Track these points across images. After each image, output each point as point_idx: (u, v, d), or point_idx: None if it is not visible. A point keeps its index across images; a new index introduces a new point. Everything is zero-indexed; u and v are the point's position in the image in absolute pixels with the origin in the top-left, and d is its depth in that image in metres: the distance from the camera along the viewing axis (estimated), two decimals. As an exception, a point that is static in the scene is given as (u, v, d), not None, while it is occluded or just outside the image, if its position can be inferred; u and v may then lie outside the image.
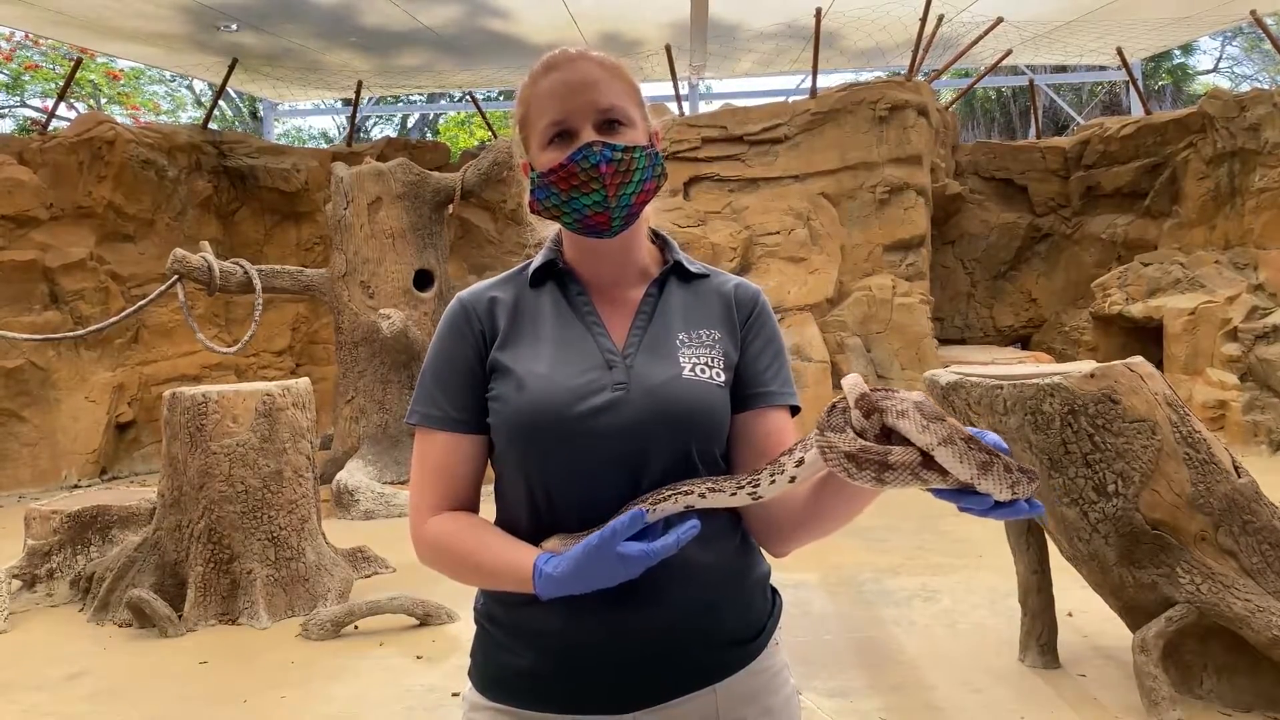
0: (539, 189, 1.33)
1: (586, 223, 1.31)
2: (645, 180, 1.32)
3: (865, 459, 1.06)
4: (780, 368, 1.39)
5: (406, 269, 7.84)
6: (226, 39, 9.83)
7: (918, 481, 1.05)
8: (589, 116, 1.30)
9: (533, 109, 1.34)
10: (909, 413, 1.06)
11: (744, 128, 9.37)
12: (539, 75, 1.34)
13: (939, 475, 1.03)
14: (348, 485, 6.86)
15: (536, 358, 1.31)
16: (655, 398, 1.27)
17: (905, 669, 3.73)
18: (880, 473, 1.06)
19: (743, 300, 1.42)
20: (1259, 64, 19.55)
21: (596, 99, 1.30)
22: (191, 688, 3.81)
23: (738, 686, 1.31)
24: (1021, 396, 3.21)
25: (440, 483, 1.33)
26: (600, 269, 1.40)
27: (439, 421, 1.33)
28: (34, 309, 8.55)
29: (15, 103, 16.52)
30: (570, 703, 1.28)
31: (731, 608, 1.32)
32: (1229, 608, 3.05)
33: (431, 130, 20.04)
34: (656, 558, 1.13)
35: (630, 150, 1.29)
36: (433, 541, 1.31)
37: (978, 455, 1.01)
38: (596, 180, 1.28)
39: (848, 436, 1.08)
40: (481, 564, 1.26)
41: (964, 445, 1.01)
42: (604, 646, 1.26)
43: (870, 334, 8.87)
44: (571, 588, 1.16)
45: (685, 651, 1.28)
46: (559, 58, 1.34)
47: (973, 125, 19.66)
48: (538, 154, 1.33)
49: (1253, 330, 8.16)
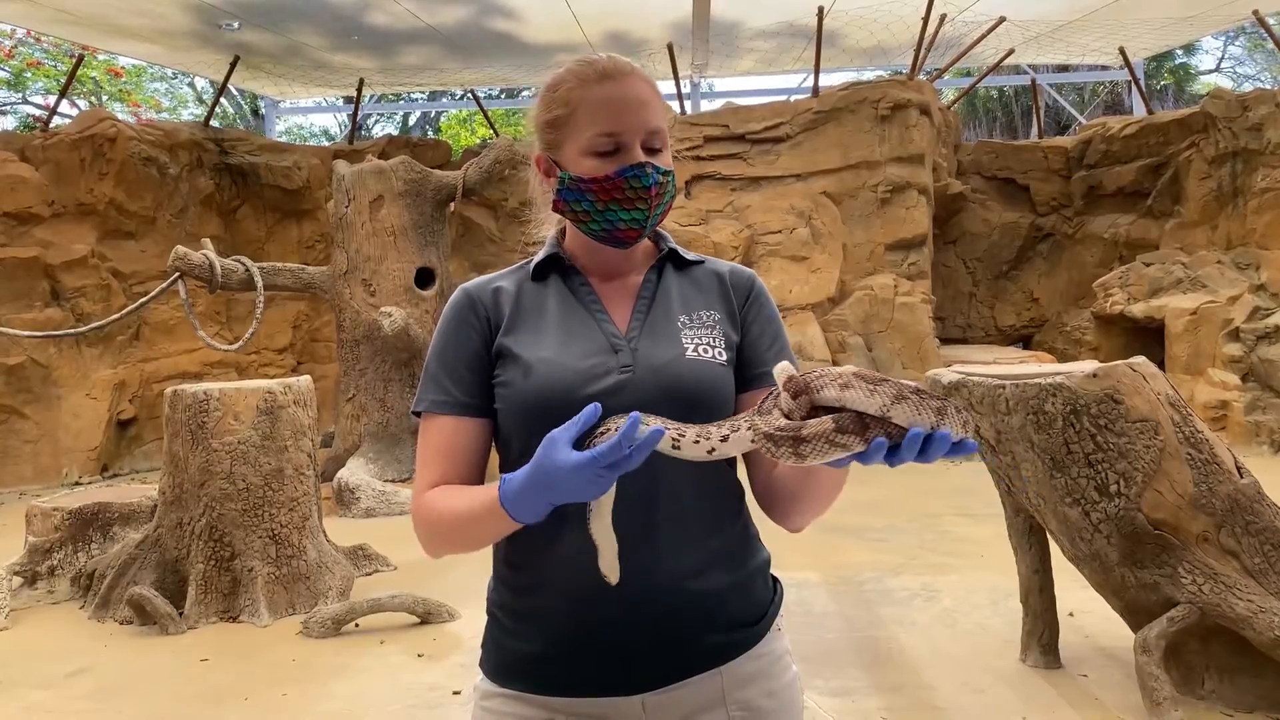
0: (571, 192, 1.35)
1: (615, 234, 1.36)
2: (670, 200, 1.40)
3: (781, 436, 1.09)
4: (781, 347, 1.43)
5: (408, 267, 7.83)
6: (228, 36, 9.82)
7: (836, 449, 1.06)
8: (639, 135, 1.33)
9: (580, 112, 1.34)
10: (852, 383, 1.07)
11: (746, 126, 9.37)
12: (591, 80, 1.34)
13: (857, 438, 1.05)
14: (349, 483, 6.86)
15: (543, 344, 1.34)
16: (661, 378, 1.30)
17: (906, 669, 3.73)
18: (797, 446, 1.08)
19: (738, 283, 1.46)
20: (1261, 64, 19.54)
21: (648, 119, 1.34)
22: (192, 685, 3.81)
23: (742, 669, 1.35)
24: (1024, 396, 3.21)
25: (443, 464, 1.34)
26: (600, 260, 1.43)
27: (444, 406, 1.35)
28: (35, 306, 8.56)
29: (17, 100, 16.53)
30: (578, 686, 1.31)
31: (734, 591, 1.35)
32: (1231, 608, 3.05)
33: (433, 128, 20.04)
34: (604, 460, 1.07)
35: (668, 174, 1.36)
36: (421, 510, 1.31)
37: (932, 403, 1.04)
38: (643, 200, 1.33)
39: (770, 418, 1.11)
40: (459, 511, 1.25)
41: (916, 398, 1.04)
42: (611, 630, 1.29)
43: (872, 333, 8.86)
44: (533, 497, 1.13)
45: (691, 634, 1.31)
46: (611, 68, 1.35)
47: (975, 125, 19.66)
48: (577, 158, 1.35)
49: (1254, 330, 8.16)
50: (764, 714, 1.36)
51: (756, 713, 1.35)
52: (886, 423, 1.05)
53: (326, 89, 12.73)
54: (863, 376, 1.06)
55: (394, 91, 14.19)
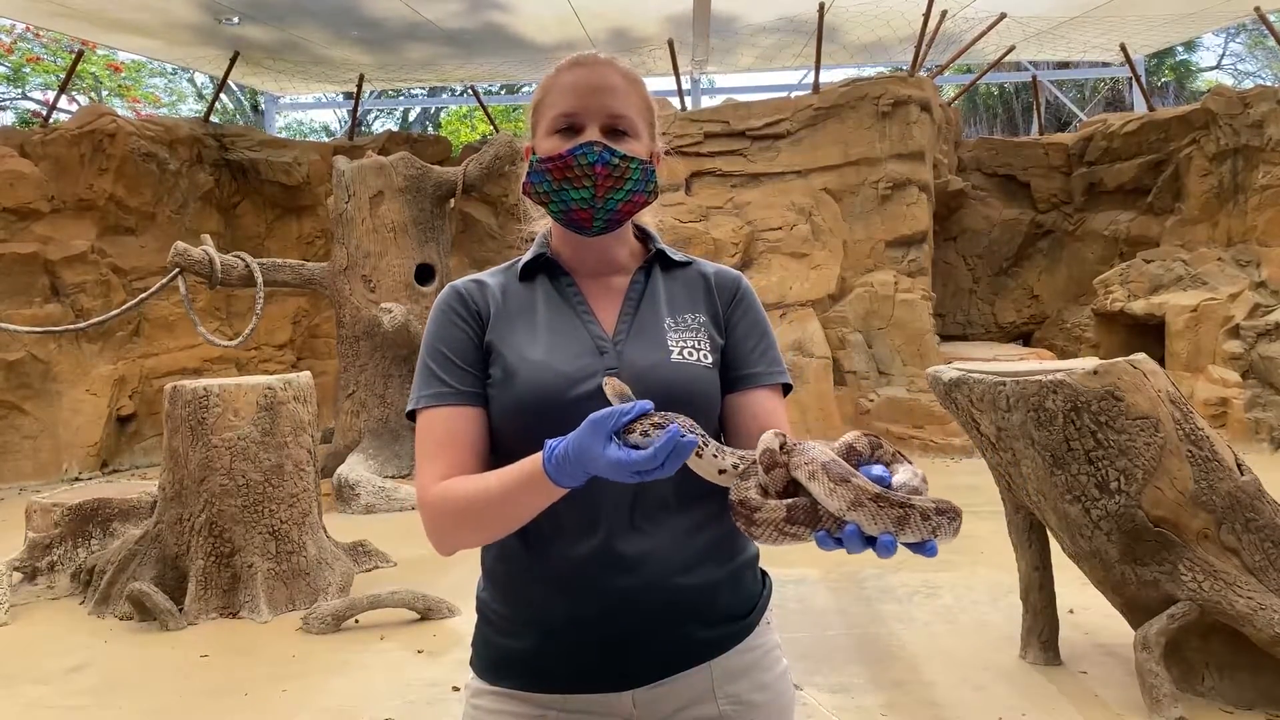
0: (535, 173, 1.37)
1: (570, 216, 1.36)
2: (636, 192, 1.37)
3: (739, 510, 1.10)
4: (767, 348, 1.43)
5: (408, 263, 7.83)
6: (228, 32, 9.81)
7: (784, 538, 1.06)
8: (598, 118, 1.34)
9: (549, 96, 1.38)
10: (817, 474, 1.06)
11: (746, 123, 9.35)
12: (564, 68, 1.39)
13: (806, 529, 1.05)
14: (349, 479, 6.86)
15: (529, 345, 1.34)
16: (646, 381, 1.29)
17: (906, 665, 3.73)
18: (748, 526, 1.09)
19: (723, 285, 1.46)
20: (1262, 61, 19.51)
21: (610, 103, 1.35)
22: (192, 681, 3.81)
23: (732, 663, 1.36)
24: (1024, 393, 3.21)
25: (449, 454, 1.31)
26: (586, 260, 1.44)
27: (443, 397, 1.34)
28: (35, 302, 8.55)
29: (16, 95, 16.51)
30: (570, 682, 1.31)
31: (724, 586, 1.36)
32: (1231, 605, 3.05)
33: (433, 124, 20.02)
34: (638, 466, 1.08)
35: (628, 160, 1.34)
36: (439, 499, 1.28)
37: (890, 512, 1.02)
38: (589, 178, 1.32)
39: (745, 485, 1.12)
40: (490, 487, 1.23)
41: (874, 506, 1.02)
42: (601, 626, 1.29)
43: (872, 330, 8.86)
44: (573, 469, 1.12)
45: (681, 629, 1.32)
46: (587, 58, 1.39)
47: (975, 121, 19.65)
48: (542, 139, 1.38)
49: (1255, 328, 8.16)
50: (755, 707, 1.36)
51: (747, 706, 1.36)
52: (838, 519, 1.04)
53: (326, 85, 12.70)
54: (828, 471, 1.04)
55: (394, 87, 14.17)
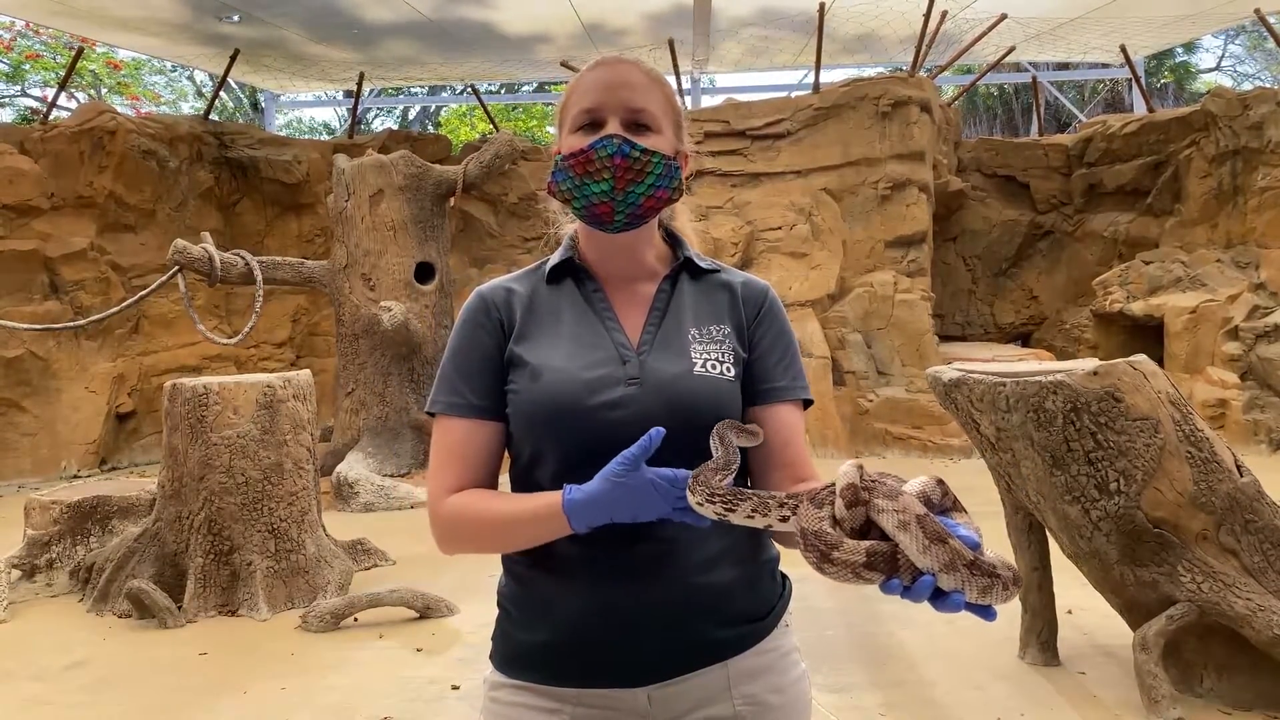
0: (558, 171, 1.38)
1: (592, 211, 1.36)
2: (658, 187, 1.36)
3: (812, 542, 1.07)
4: (790, 363, 1.43)
5: (408, 261, 7.82)
6: (228, 30, 9.80)
7: (859, 580, 1.05)
8: (619, 112, 1.35)
9: (572, 97, 1.39)
10: (910, 526, 1.02)
11: (747, 122, 9.35)
12: (587, 70, 1.40)
13: (881, 576, 1.03)
14: (348, 477, 6.86)
15: (552, 351, 1.35)
16: (667, 393, 1.30)
17: (906, 665, 3.74)
18: (821, 562, 1.06)
19: (750, 297, 1.46)
20: (1262, 62, 19.53)
21: (631, 98, 1.35)
22: (191, 679, 3.81)
23: (748, 663, 1.35)
24: (1024, 394, 3.21)
25: (459, 466, 1.35)
26: (613, 264, 1.43)
27: (460, 409, 1.36)
28: (34, 299, 8.53)
29: (16, 92, 16.49)
30: (585, 677, 1.32)
31: (741, 586, 1.36)
32: (1230, 606, 3.05)
33: (433, 122, 20.01)
34: (681, 516, 1.16)
35: (648, 154, 1.34)
36: (452, 514, 1.33)
37: (978, 581, 1.00)
38: (608, 170, 1.32)
39: (818, 514, 1.09)
40: (503, 513, 1.29)
41: (967, 572, 1.00)
42: (619, 622, 1.30)
43: (871, 330, 8.86)
44: (596, 513, 1.19)
45: (697, 627, 1.32)
46: (610, 58, 1.40)
47: (975, 122, 19.65)
48: (566, 138, 1.38)
49: (1254, 329, 8.16)
50: (771, 709, 1.36)
51: (763, 708, 1.36)
52: (916, 568, 1.02)
53: (326, 83, 12.69)
54: (924, 527, 1.01)
55: (393, 85, 14.16)
